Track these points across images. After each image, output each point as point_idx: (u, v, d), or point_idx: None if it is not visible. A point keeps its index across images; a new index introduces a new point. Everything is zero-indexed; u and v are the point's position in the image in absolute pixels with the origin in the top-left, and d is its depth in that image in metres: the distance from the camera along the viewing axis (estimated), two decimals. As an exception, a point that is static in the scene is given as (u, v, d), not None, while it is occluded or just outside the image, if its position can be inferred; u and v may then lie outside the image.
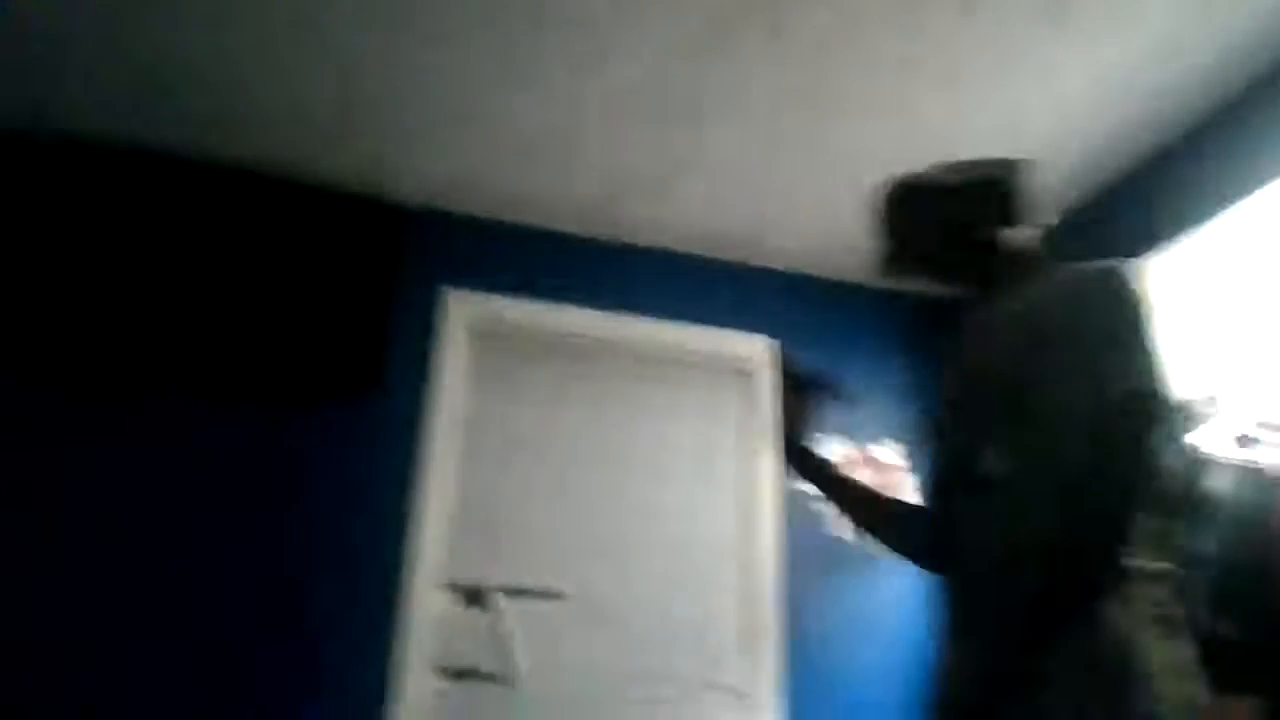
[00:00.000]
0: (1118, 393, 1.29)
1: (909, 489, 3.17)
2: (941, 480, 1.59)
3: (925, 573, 1.68)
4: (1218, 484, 2.44)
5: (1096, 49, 2.26)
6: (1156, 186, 2.59)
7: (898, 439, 3.26)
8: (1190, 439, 2.50)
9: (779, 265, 3.37)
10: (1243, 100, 2.36)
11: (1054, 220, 1.63)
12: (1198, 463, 2.48)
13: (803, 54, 2.31)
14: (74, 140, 2.72)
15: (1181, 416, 1.42)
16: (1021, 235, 1.57)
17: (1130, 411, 1.29)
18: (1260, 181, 2.25)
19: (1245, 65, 2.28)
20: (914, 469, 3.19)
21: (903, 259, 1.66)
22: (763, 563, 2.98)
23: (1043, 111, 2.49)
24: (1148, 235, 2.55)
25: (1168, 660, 1.28)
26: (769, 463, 3.08)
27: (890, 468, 3.20)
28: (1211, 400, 2.52)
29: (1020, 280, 1.54)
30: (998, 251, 1.57)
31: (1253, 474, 2.44)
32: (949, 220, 1.59)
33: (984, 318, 1.58)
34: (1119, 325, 1.35)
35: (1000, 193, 1.58)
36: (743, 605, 2.96)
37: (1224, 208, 2.34)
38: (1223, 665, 2.35)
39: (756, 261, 3.35)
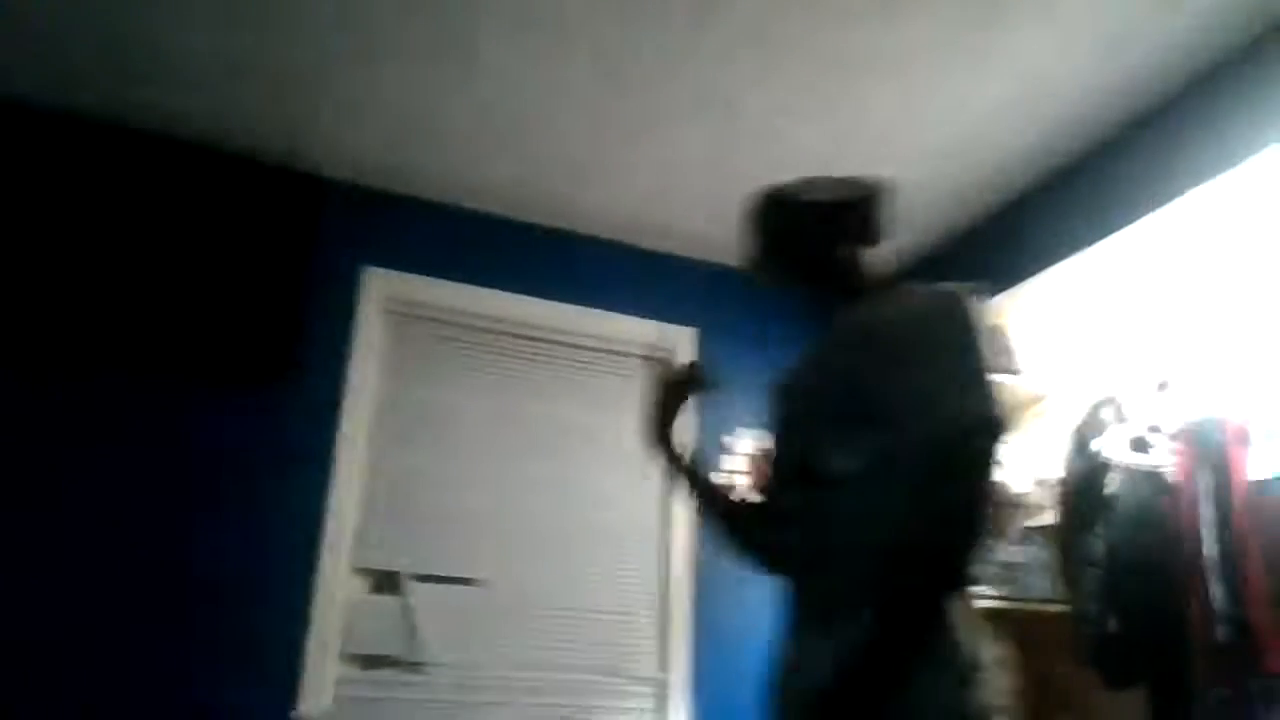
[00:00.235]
0: (956, 410, 1.41)
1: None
2: (782, 476, 1.68)
3: (759, 569, 1.78)
4: (1112, 487, 2.55)
5: (1022, 49, 2.31)
6: (1091, 183, 2.65)
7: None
8: (1094, 444, 2.60)
9: (704, 255, 3.38)
10: (1181, 97, 2.42)
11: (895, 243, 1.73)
12: (1097, 467, 2.59)
13: (736, 44, 2.31)
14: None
15: (1006, 436, 1.43)
16: (877, 254, 1.71)
17: (967, 429, 1.40)
18: (1195, 178, 2.30)
19: (1183, 63, 2.35)
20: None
21: (767, 267, 1.77)
22: (678, 551, 3.00)
23: (981, 107, 2.54)
24: (1084, 230, 2.61)
25: (993, 654, 1.40)
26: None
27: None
28: (1163, 386, 2.62)
29: (872, 295, 1.65)
30: (853, 268, 1.69)
31: (1144, 477, 2.56)
32: (811, 236, 1.69)
33: (838, 324, 1.68)
34: (957, 347, 1.47)
35: (860, 214, 1.70)
36: (657, 594, 2.98)
37: (1160, 204, 2.40)
38: (1111, 660, 2.47)
39: (682, 250, 3.35)
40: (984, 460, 1.39)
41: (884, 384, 1.49)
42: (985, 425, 1.41)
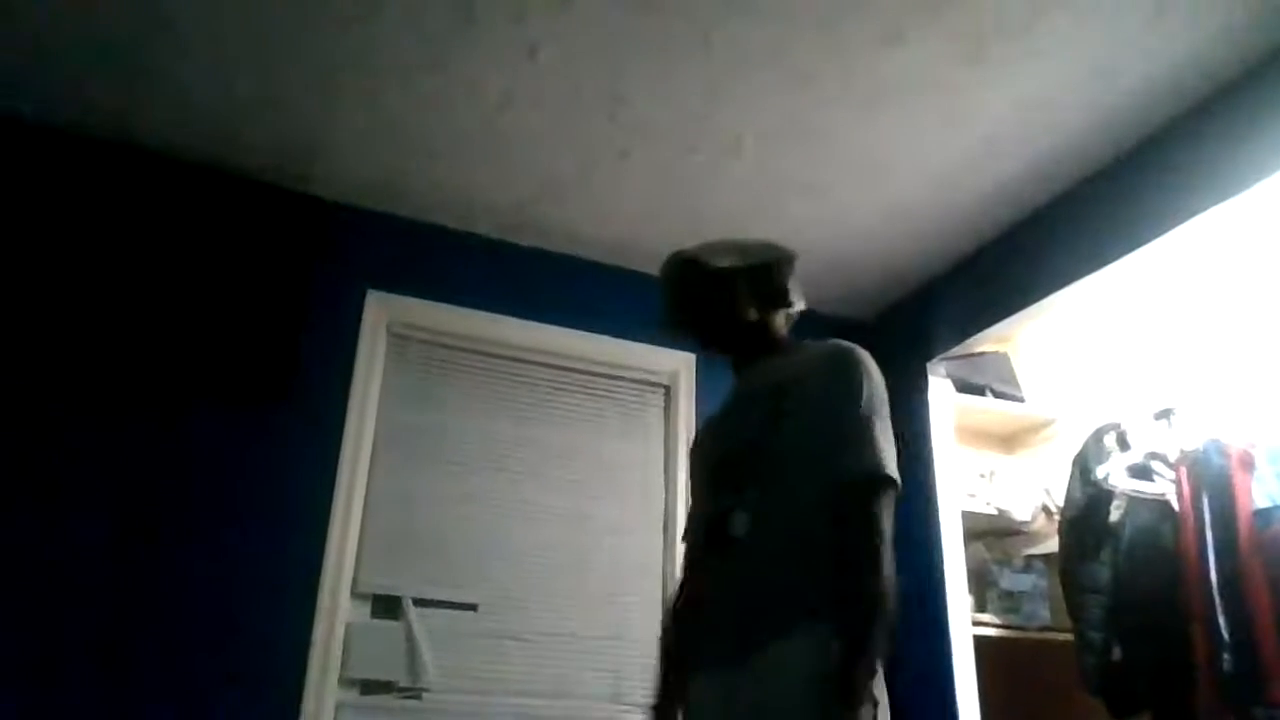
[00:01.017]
0: (847, 469, 1.52)
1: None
2: (695, 539, 1.77)
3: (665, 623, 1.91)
4: (1116, 514, 2.54)
5: (1015, 82, 2.33)
6: (1092, 210, 2.65)
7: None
8: (1097, 471, 2.60)
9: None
10: (1182, 121, 2.43)
11: (803, 306, 1.84)
12: (1100, 494, 2.58)
13: (729, 69, 2.33)
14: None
15: (899, 492, 1.53)
16: (778, 317, 1.80)
17: (860, 486, 1.51)
18: (1196, 206, 2.31)
19: (1170, 97, 2.36)
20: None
21: (676, 323, 1.88)
22: (675, 578, 2.98)
23: (960, 142, 2.56)
24: (1087, 257, 2.62)
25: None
26: (685, 477, 3.11)
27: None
28: (1165, 413, 2.62)
29: (771, 354, 1.76)
30: (755, 329, 1.78)
31: (1147, 504, 2.55)
32: (716, 300, 1.77)
33: (738, 387, 1.80)
34: (851, 406, 1.56)
35: (764, 280, 1.78)
36: (657, 618, 2.95)
37: (1161, 231, 2.39)
38: (1115, 688, 2.45)
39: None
40: (872, 522, 1.47)
41: (775, 442, 1.59)
42: (873, 483, 1.51)
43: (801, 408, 1.58)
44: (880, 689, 1.41)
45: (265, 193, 2.84)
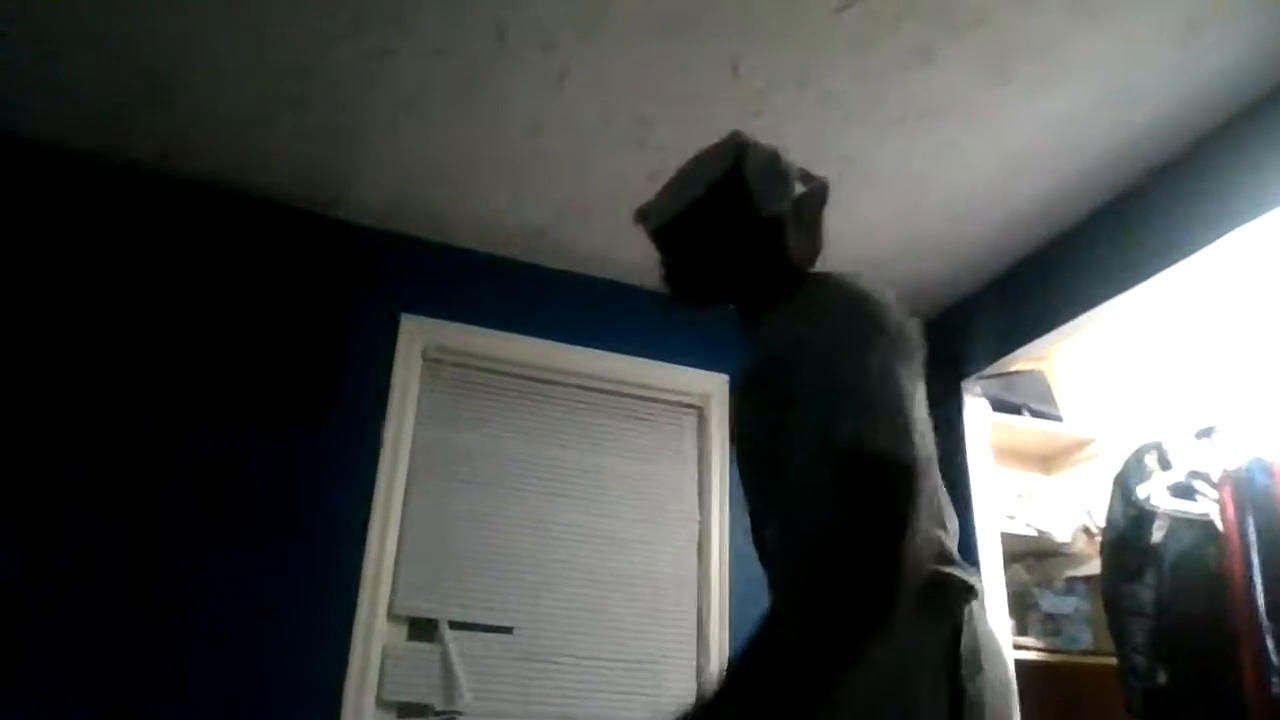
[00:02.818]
0: (841, 453, 1.08)
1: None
2: (760, 558, 1.44)
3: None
4: (1158, 535, 2.50)
5: (1044, 101, 2.32)
6: (1128, 227, 2.62)
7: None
8: (1138, 491, 2.55)
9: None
10: (1198, 147, 2.42)
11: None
12: (1142, 515, 2.53)
13: (756, 93, 2.34)
14: (9, 144, 2.64)
15: (915, 483, 1.07)
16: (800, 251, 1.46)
17: (856, 473, 1.06)
18: (1230, 223, 2.29)
19: (1201, 113, 2.35)
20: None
21: (691, 283, 1.53)
22: (713, 599, 2.97)
23: (990, 161, 2.55)
24: (1126, 274, 2.59)
25: None
26: (720, 498, 3.10)
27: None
28: (1209, 431, 2.56)
29: (787, 301, 1.38)
30: (785, 275, 1.43)
31: (1190, 524, 2.50)
32: (757, 250, 1.46)
33: (753, 347, 1.42)
34: (852, 368, 1.14)
35: (809, 210, 1.47)
36: (694, 644, 2.94)
37: (1198, 248, 2.37)
38: (1161, 714, 2.40)
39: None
40: (884, 515, 1.04)
41: (786, 430, 1.22)
42: (884, 468, 1.06)
43: (802, 380, 1.20)
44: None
45: (300, 220, 2.90)
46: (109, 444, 2.54)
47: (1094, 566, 2.90)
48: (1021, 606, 3.09)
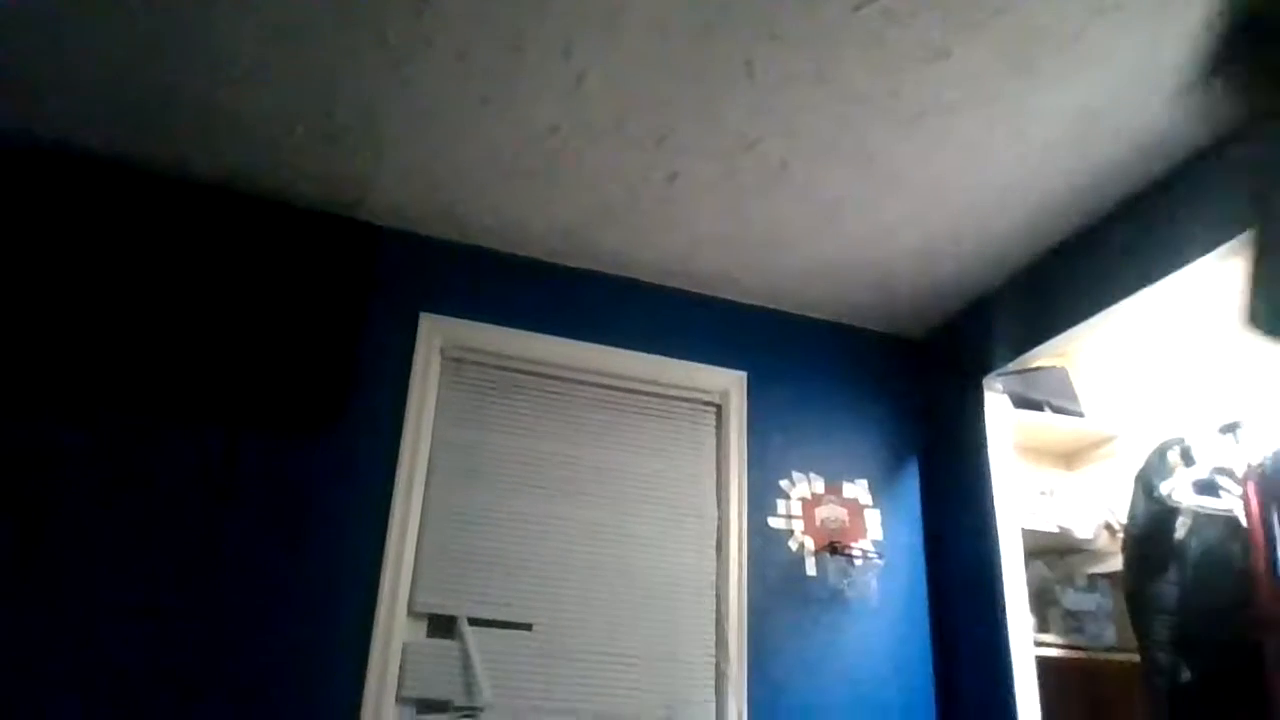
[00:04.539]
0: None
1: (874, 525, 3.20)
2: None
3: None
4: (1181, 532, 2.48)
5: (1066, 94, 2.30)
6: (1152, 221, 2.59)
7: (866, 476, 3.28)
8: (1161, 487, 2.54)
9: (752, 300, 3.40)
10: (1219, 143, 2.39)
11: None
12: (1165, 511, 2.52)
13: (773, 91, 2.34)
14: (38, 150, 2.68)
15: None
16: None
17: None
18: (1241, 224, 2.26)
19: (1220, 109, 2.31)
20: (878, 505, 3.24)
21: None
22: (732, 598, 2.97)
23: (1010, 155, 2.53)
24: (1123, 280, 2.58)
25: None
26: (739, 496, 3.10)
27: (857, 505, 3.23)
28: (1233, 427, 2.54)
29: None
30: None
31: (1214, 520, 2.48)
32: None
33: None
34: None
35: None
36: (714, 642, 2.95)
37: (1222, 241, 2.34)
38: (1185, 712, 2.38)
39: (729, 295, 3.37)
40: None
41: None
42: None
43: None
44: None
45: (321, 221, 2.93)
46: (130, 447, 2.58)
47: (1116, 563, 2.88)
48: (1043, 604, 3.08)
